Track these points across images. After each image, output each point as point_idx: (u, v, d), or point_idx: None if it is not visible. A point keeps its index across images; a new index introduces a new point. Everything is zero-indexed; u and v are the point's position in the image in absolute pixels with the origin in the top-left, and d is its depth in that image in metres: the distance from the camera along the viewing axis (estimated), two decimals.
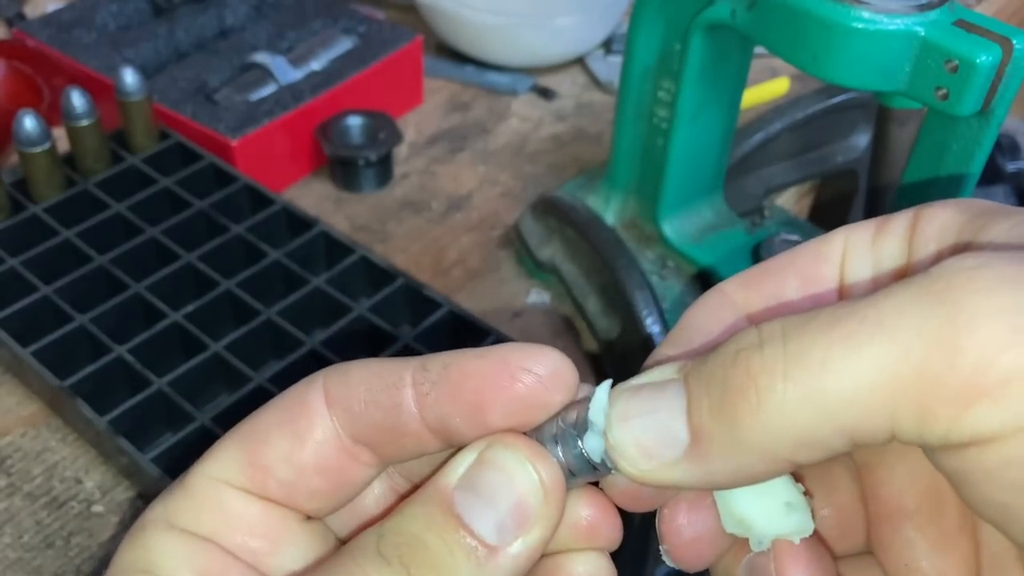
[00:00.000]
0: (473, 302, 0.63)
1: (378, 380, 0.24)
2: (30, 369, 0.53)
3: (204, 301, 0.56)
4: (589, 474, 0.24)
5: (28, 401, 0.56)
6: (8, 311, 0.55)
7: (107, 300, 0.56)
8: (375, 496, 0.28)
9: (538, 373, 0.23)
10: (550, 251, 0.64)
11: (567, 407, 0.24)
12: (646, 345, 0.55)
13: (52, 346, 0.54)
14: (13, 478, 0.52)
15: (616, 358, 0.59)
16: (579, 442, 0.23)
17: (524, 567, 0.23)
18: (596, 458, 0.23)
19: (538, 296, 0.65)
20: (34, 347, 0.53)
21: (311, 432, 0.25)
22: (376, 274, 0.59)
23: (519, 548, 0.22)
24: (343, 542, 0.27)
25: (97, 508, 0.51)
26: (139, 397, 0.51)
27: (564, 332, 0.63)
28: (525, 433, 0.24)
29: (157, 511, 0.25)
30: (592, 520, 0.25)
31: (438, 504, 0.23)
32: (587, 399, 0.23)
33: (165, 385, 0.52)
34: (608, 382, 0.24)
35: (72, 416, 0.53)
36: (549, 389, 0.23)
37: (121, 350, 0.53)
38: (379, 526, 0.23)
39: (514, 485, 0.23)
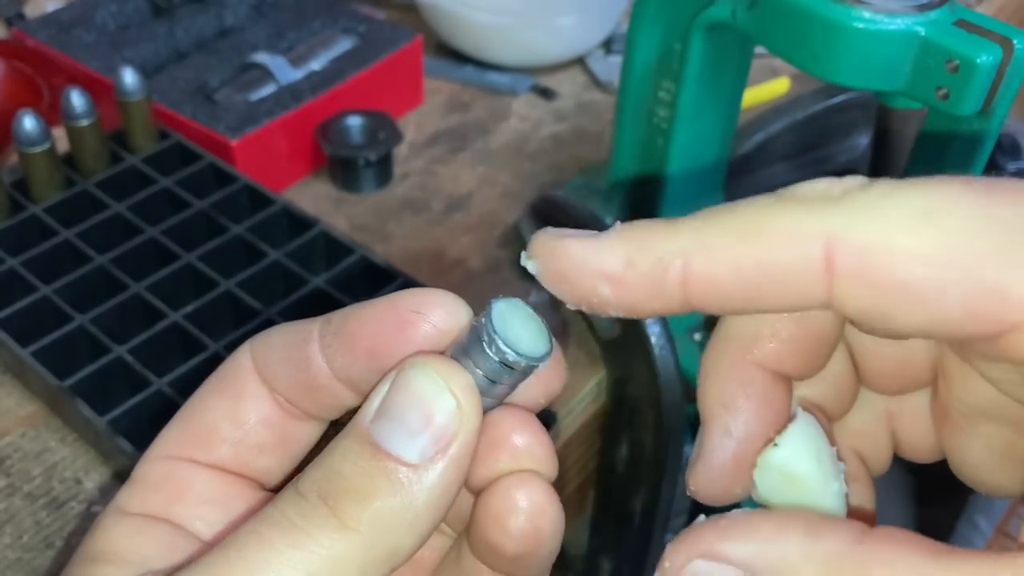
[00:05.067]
0: (473, 302, 0.63)
1: (292, 337, 0.25)
2: (30, 369, 0.53)
3: (204, 301, 0.56)
4: (508, 375, 0.23)
5: (28, 401, 0.56)
6: (8, 311, 0.55)
7: (107, 300, 0.56)
8: None
9: (427, 315, 0.23)
10: None
11: (473, 319, 0.24)
12: (646, 345, 0.55)
13: (52, 346, 0.54)
14: (13, 478, 0.52)
15: (616, 358, 0.59)
16: (486, 348, 0.23)
17: (452, 484, 0.22)
18: (510, 358, 0.23)
19: (538, 296, 0.65)
20: (34, 347, 0.53)
21: (246, 389, 0.25)
22: (376, 274, 0.59)
23: (443, 463, 0.22)
24: None
25: (97, 508, 0.51)
26: (139, 397, 0.51)
27: (564, 332, 0.63)
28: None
29: (112, 504, 0.26)
30: (524, 443, 0.24)
31: (354, 437, 0.22)
32: (490, 304, 0.23)
33: (165, 385, 0.52)
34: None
35: (72, 416, 0.53)
36: (441, 330, 0.24)
37: (121, 350, 0.53)
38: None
39: (425, 401, 0.22)
